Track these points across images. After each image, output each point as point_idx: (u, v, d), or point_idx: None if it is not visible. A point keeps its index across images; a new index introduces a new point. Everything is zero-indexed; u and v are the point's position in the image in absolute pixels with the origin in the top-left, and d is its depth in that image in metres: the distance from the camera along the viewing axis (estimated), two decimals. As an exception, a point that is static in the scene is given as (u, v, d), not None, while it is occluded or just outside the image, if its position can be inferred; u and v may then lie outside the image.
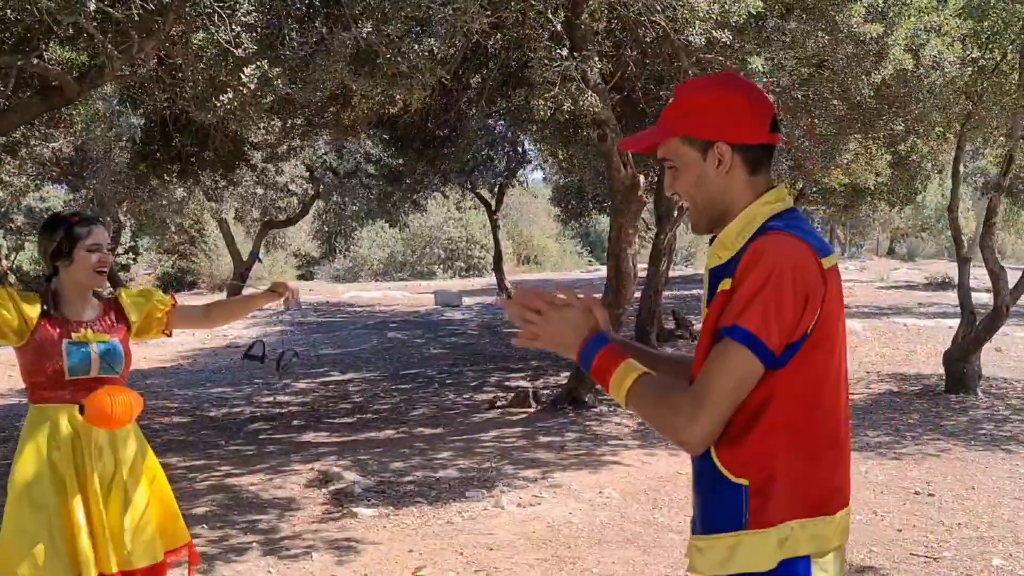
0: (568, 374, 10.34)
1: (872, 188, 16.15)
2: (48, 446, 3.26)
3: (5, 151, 9.17)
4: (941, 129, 11.11)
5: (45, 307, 3.33)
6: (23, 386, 3.44)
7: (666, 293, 19.49)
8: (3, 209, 20.45)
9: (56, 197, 38.42)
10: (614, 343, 2.05)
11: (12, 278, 20.67)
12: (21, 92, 7.94)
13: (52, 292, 3.39)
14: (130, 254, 40.25)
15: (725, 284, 1.90)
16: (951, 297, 19.40)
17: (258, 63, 5.37)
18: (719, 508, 1.93)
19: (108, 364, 3.37)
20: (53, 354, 3.28)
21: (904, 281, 26.16)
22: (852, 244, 53.76)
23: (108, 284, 3.62)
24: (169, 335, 3.70)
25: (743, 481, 1.89)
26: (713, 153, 1.96)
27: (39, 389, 3.33)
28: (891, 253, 52.25)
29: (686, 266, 37.61)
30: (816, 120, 9.53)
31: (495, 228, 23.09)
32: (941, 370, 10.36)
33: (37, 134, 9.58)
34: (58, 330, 3.31)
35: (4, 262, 9.07)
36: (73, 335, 3.32)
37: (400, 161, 14.72)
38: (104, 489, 3.31)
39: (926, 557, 5.24)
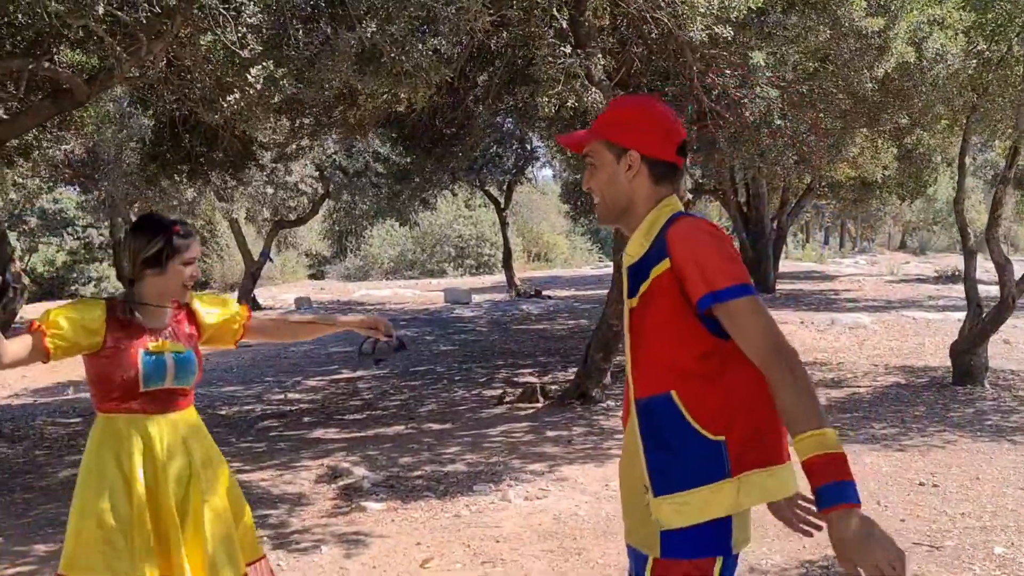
0: (576, 369, 10.40)
1: (880, 181, 16.17)
2: (118, 459, 3.05)
3: (18, 154, 9.29)
4: (947, 122, 11.14)
5: (121, 314, 3.13)
6: (38, 386, 3.45)
7: (675, 289, 19.58)
8: (17, 211, 20.61)
9: (69, 199, 38.72)
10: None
11: (26, 279, 20.78)
12: (32, 95, 8.05)
13: (131, 298, 3.19)
14: (142, 255, 40.54)
15: (661, 267, 2.13)
16: (961, 290, 19.41)
17: (264, 64, 5.45)
18: (696, 464, 2.13)
19: (182, 375, 3.17)
20: (127, 363, 3.07)
21: (914, 275, 26.15)
22: (863, 239, 53.68)
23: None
24: (236, 347, 3.54)
25: (720, 437, 2.12)
26: (626, 159, 2.27)
27: (108, 399, 3.11)
28: (902, 247, 52.19)
29: (696, 262, 37.60)
30: (821, 114, 9.57)
31: (504, 225, 23.17)
32: (949, 362, 10.38)
33: (49, 136, 9.70)
34: (134, 338, 3.12)
35: (18, 264, 9.15)
36: (150, 344, 3.13)
37: (409, 160, 14.81)
38: (180, 502, 3.11)
39: (929, 546, 5.29)
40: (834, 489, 2.00)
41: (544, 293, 21.89)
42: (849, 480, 2.01)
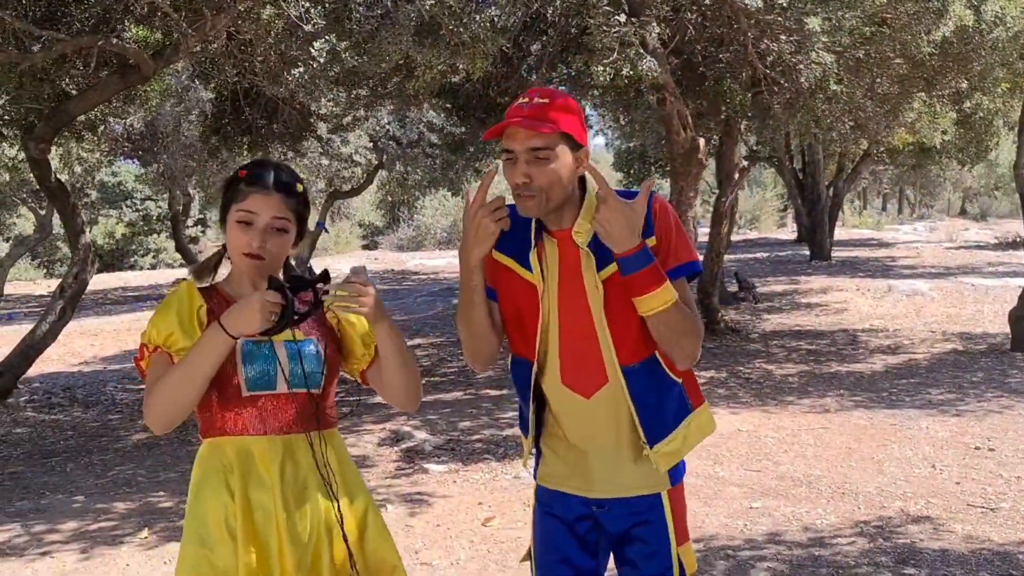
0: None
1: (939, 147, 15.94)
2: (221, 500, 2.21)
3: (86, 128, 9.56)
4: (1007, 85, 10.99)
5: (208, 300, 2.31)
6: (106, 354, 2.72)
7: (730, 256, 19.51)
8: (79, 185, 21.09)
9: (128, 172, 39.42)
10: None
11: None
12: (100, 71, 8.28)
13: (215, 270, 2.42)
14: (199, 226, 41.21)
15: (647, 243, 2.27)
16: (1021, 256, 19.11)
17: (327, 37, 5.58)
18: (679, 402, 2.41)
19: (304, 372, 2.28)
20: (223, 362, 2.20)
21: (974, 241, 25.76)
22: (922, 205, 52.79)
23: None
24: (364, 381, 2.47)
25: (680, 381, 2.41)
26: (578, 156, 2.30)
27: (207, 414, 2.27)
28: (963, 213, 51.21)
29: (751, 229, 37.32)
30: (878, 79, 9.51)
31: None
32: (1007, 329, 10.31)
33: (115, 111, 9.96)
34: None
35: (87, 236, 9.44)
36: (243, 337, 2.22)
37: (463, 129, 14.90)
38: (315, 558, 2.24)
39: (983, 508, 5.34)
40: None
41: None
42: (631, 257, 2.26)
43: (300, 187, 2.31)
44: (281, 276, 2.29)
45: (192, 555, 2.20)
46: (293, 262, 2.46)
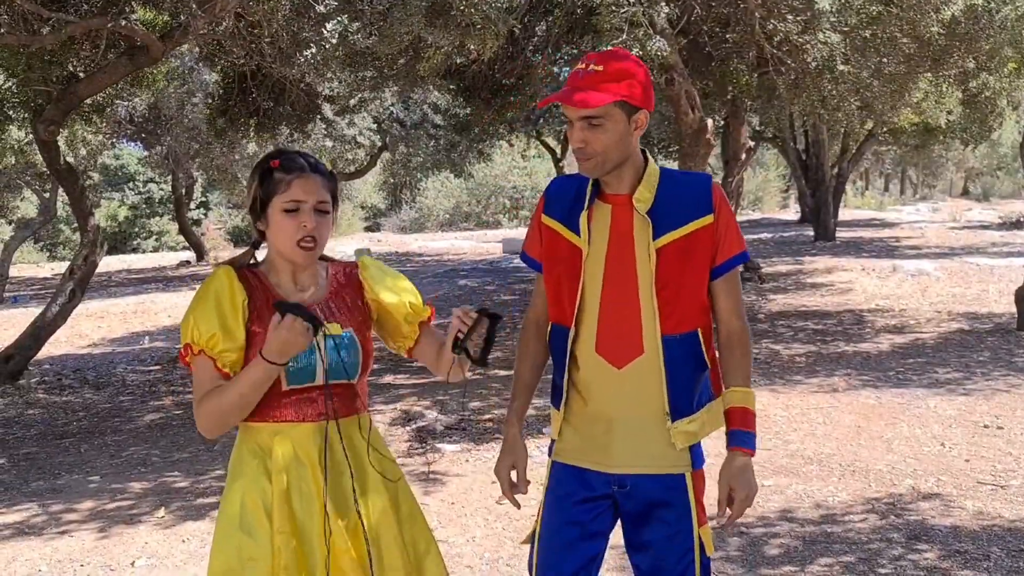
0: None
1: (943, 127, 15.94)
2: (259, 485, 2.28)
3: (94, 110, 9.57)
4: (1015, 65, 10.98)
5: (248, 288, 2.33)
6: (115, 336, 2.83)
7: (733, 237, 19.53)
8: (82, 167, 21.11)
9: (130, 154, 39.42)
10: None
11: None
12: (109, 53, 8.29)
13: (255, 263, 2.44)
14: (201, 209, 41.22)
15: (705, 220, 2.41)
16: (1025, 236, 19.11)
17: (338, 18, 5.59)
18: (704, 387, 2.49)
19: (342, 365, 2.33)
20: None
21: (977, 221, 25.77)
22: (924, 186, 52.75)
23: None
24: (412, 356, 2.55)
25: (710, 365, 2.49)
26: (636, 118, 2.36)
27: None
28: (966, 194, 51.19)
29: (753, 210, 37.31)
30: (884, 59, 9.50)
31: (559, 174, 23.22)
32: (1013, 308, 10.34)
33: (124, 94, 9.97)
34: (269, 320, 2.24)
35: (95, 218, 9.48)
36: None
37: (468, 111, 14.90)
38: (350, 540, 2.30)
39: (993, 485, 5.39)
40: (741, 435, 2.47)
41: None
42: (752, 432, 2.48)
43: (331, 169, 2.39)
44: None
45: (230, 540, 2.27)
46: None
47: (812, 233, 20.88)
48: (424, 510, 5.24)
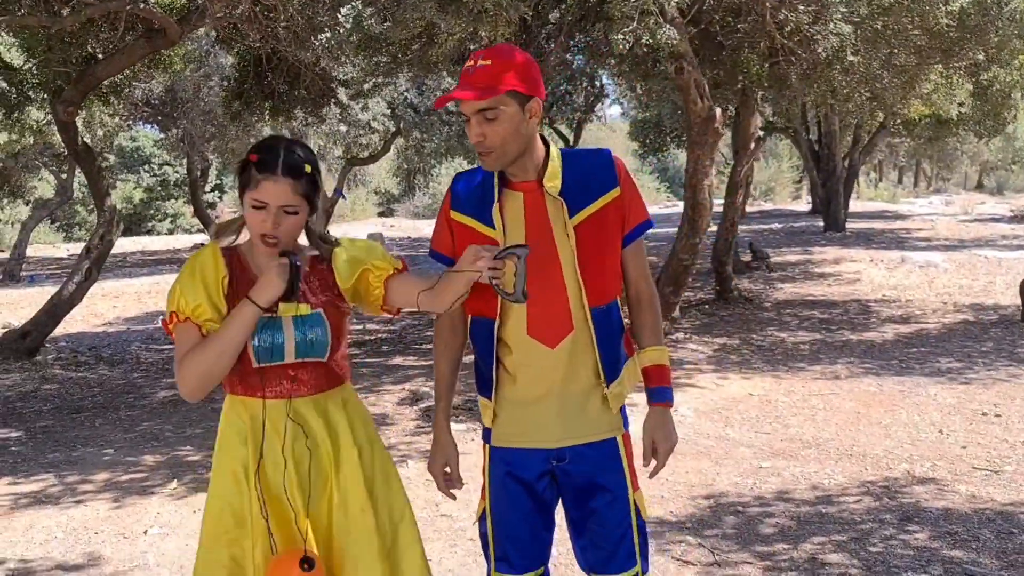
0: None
1: (955, 119, 15.95)
2: (239, 454, 2.43)
3: (112, 92, 9.71)
4: (1025, 58, 11.01)
5: (229, 267, 2.46)
6: (129, 315, 2.96)
7: (744, 227, 19.60)
8: (98, 149, 21.30)
9: (146, 137, 39.62)
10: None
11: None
12: (127, 35, 8.42)
13: (238, 233, 2.54)
14: (216, 192, 41.43)
15: (612, 194, 2.52)
16: (1036, 229, 19.09)
17: (352, 3, 5.69)
18: (621, 350, 2.58)
19: (307, 344, 2.44)
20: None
21: (989, 214, 25.73)
22: (938, 178, 52.56)
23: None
24: (394, 313, 2.63)
25: (625, 327, 2.62)
26: (529, 107, 2.41)
27: (230, 376, 2.44)
28: (979, 187, 51.00)
29: (765, 201, 37.27)
30: (895, 50, 9.55)
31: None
32: (1019, 300, 10.41)
33: (141, 76, 10.10)
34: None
35: (112, 199, 9.64)
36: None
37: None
38: (319, 512, 2.45)
39: (987, 470, 5.49)
40: (660, 391, 2.59)
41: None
42: (669, 386, 2.61)
43: (309, 168, 2.40)
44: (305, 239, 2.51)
45: (215, 505, 2.45)
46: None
47: (822, 224, 20.92)
48: (429, 486, 5.40)
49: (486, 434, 2.64)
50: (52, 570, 4.46)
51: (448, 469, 2.71)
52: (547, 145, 2.53)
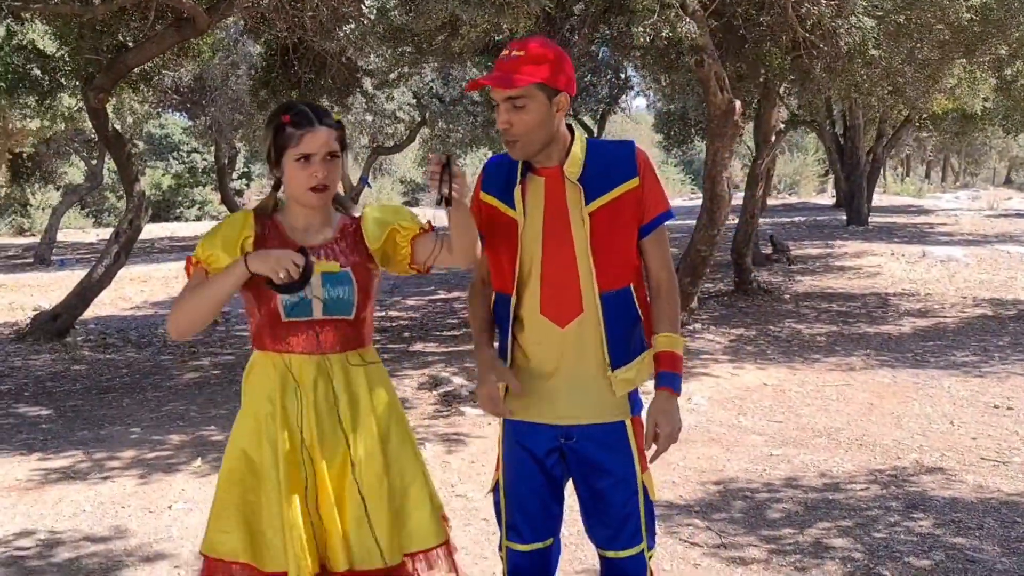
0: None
1: (980, 114, 15.89)
2: (265, 406, 2.54)
3: (141, 79, 9.90)
4: (1049, 53, 10.97)
5: (261, 229, 2.58)
6: (156, 299, 3.10)
7: (766, 220, 19.61)
8: (128, 136, 21.60)
9: (175, 124, 39.95)
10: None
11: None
12: (157, 24, 8.59)
13: (274, 207, 2.66)
14: (243, 179, 41.74)
15: (631, 183, 2.62)
16: (1061, 226, 18.98)
17: (376, -5, 5.81)
18: (638, 338, 2.69)
19: (334, 302, 2.54)
20: (268, 290, 2.49)
21: (1015, 210, 25.56)
22: (966, 174, 52.13)
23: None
24: (423, 272, 2.71)
25: (643, 317, 2.70)
26: (556, 101, 2.53)
27: (258, 331, 2.58)
28: (1008, 183, 50.56)
29: (790, 194, 37.15)
30: (917, 44, 9.57)
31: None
32: (1039, 295, 10.44)
33: (170, 64, 10.28)
34: None
35: (141, 184, 9.84)
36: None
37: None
38: (334, 467, 2.54)
39: (995, 461, 5.56)
40: (668, 376, 2.65)
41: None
42: (679, 374, 2.67)
43: (337, 116, 2.59)
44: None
45: (233, 451, 2.57)
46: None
47: (845, 218, 20.89)
48: (446, 468, 5.55)
49: None
50: (80, 541, 4.62)
51: (503, 386, 2.69)
52: (572, 133, 2.64)
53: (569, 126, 2.64)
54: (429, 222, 2.73)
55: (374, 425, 2.59)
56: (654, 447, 2.66)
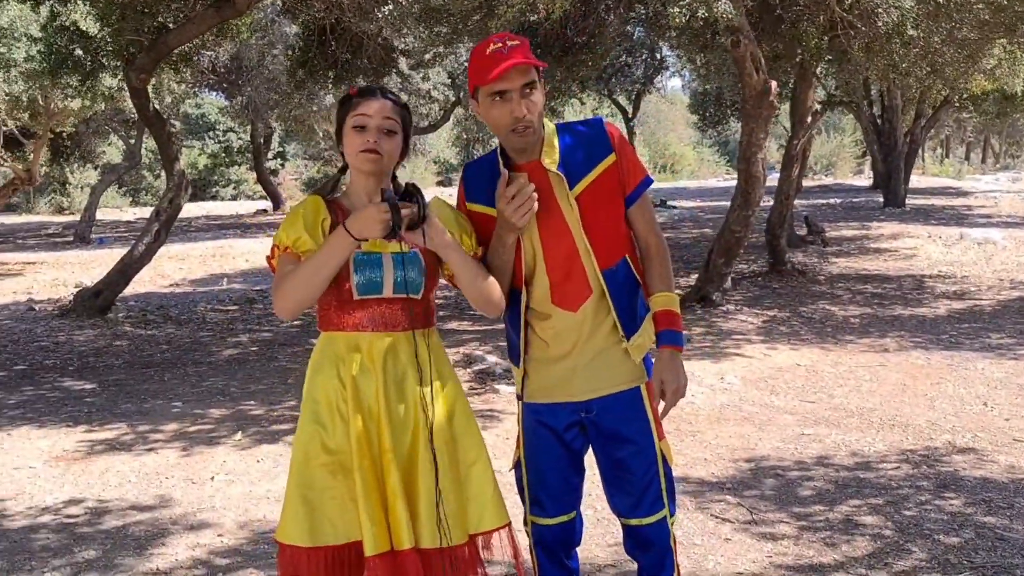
0: (696, 275, 10.73)
1: (1021, 94, 15.71)
2: (333, 385, 2.57)
3: (182, 60, 10.03)
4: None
5: (331, 213, 2.62)
6: (194, 277, 3.05)
7: (802, 201, 19.50)
8: (166, 115, 21.85)
9: (211, 104, 40.25)
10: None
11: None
12: (197, 5, 8.70)
13: (333, 187, 2.74)
14: (278, 159, 42.02)
15: (609, 160, 2.67)
16: (1102, 208, 18.73)
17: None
18: (640, 303, 2.76)
19: (406, 280, 2.58)
20: (340, 269, 2.54)
21: (1056, 192, 25.22)
22: (1007, 155, 51.40)
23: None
24: (455, 286, 2.75)
25: (640, 283, 2.78)
26: (543, 88, 2.63)
27: (326, 312, 2.63)
28: (1049, 164, 49.74)
29: (826, 175, 36.85)
30: (957, 24, 9.49)
31: (631, 135, 23.32)
32: (1077, 278, 10.35)
33: (209, 44, 10.40)
34: None
35: (181, 163, 10.01)
36: (363, 243, 2.55)
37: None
38: (404, 444, 2.56)
39: (1029, 443, 5.57)
40: (669, 333, 2.72)
41: (668, 203, 22.05)
42: (679, 330, 2.74)
43: (404, 98, 2.68)
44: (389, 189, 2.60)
45: (307, 431, 2.56)
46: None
47: (882, 199, 20.72)
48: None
49: (520, 393, 2.83)
50: (127, 510, 4.77)
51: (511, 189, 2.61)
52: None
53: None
54: (482, 248, 2.74)
55: (442, 403, 2.62)
56: (662, 404, 2.71)
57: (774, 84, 9.03)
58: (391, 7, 6.34)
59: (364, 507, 2.48)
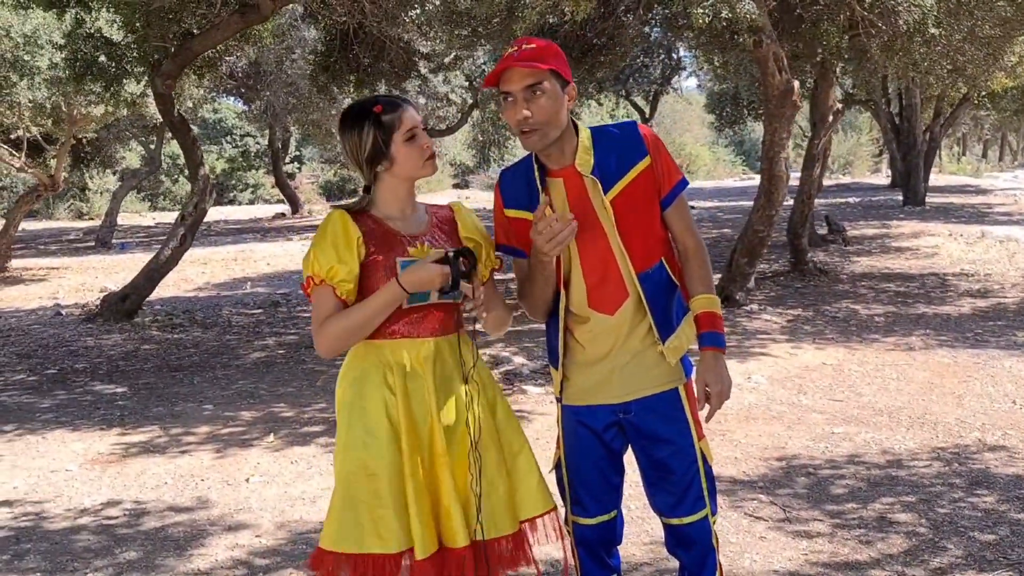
0: (719, 276, 10.75)
1: (1041, 92, 15.66)
2: (381, 393, 2.60)
3: (206, 65, 10.11)
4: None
5: (369, 221, 2.66)
6: (218, 281, 3.10)
7: (821, 200, 19.47)
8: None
9: (228, 108, 40.44)
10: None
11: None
12: (222, 11, 8.77)
13: (370, 203, 2.71)
14: (295, 163, 42.19)
15: (644, 163, 2.69)
16: (1124, 205, 18.62)
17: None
18: (678, 305, 2.78)
19: (450, 287, 2.60)
20: (384, 278, 2.59)
21: (1076, 189, 25.09)
22: (1024, 152, 51.10)
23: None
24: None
25: (678, 285, 2.80)
26: (567, 91, 2.61)
27: None
28: (1069, 161, 49.44)
29: (844, 174, 36.74)
30: (978, 22, 9.47)
31: (648, 135, 23.27)
32: (1101, 275, 10.30)
33: (232, 49, 10.48)
34: (392, 247, 2.63)
35: (205, 168, 10.09)
36: (409, 250, 2.62)
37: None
38: (453, 444, 2.64)
39: (1059, 440, 5.57)
40: (711, 336, 2.74)
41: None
42: (721, 332, 2.76)
43: (421, 101, 2.81)
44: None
45: (357, 441, 2.58)
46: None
47: (901, 198, 20.66)
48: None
49: (559, 396, 2.86)
50: (165, 511, 4.83)
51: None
52: (576, 128, 2.71)
53: (572, 122, 2.69)
54: (501, 260, 2.84)
55: (485, 402, 2.70)
56: (707, 407, 2.73)
57: (797, 83, 9.04)
58: (418, 11, 6.38)
59: (416, 514, 2.54)
